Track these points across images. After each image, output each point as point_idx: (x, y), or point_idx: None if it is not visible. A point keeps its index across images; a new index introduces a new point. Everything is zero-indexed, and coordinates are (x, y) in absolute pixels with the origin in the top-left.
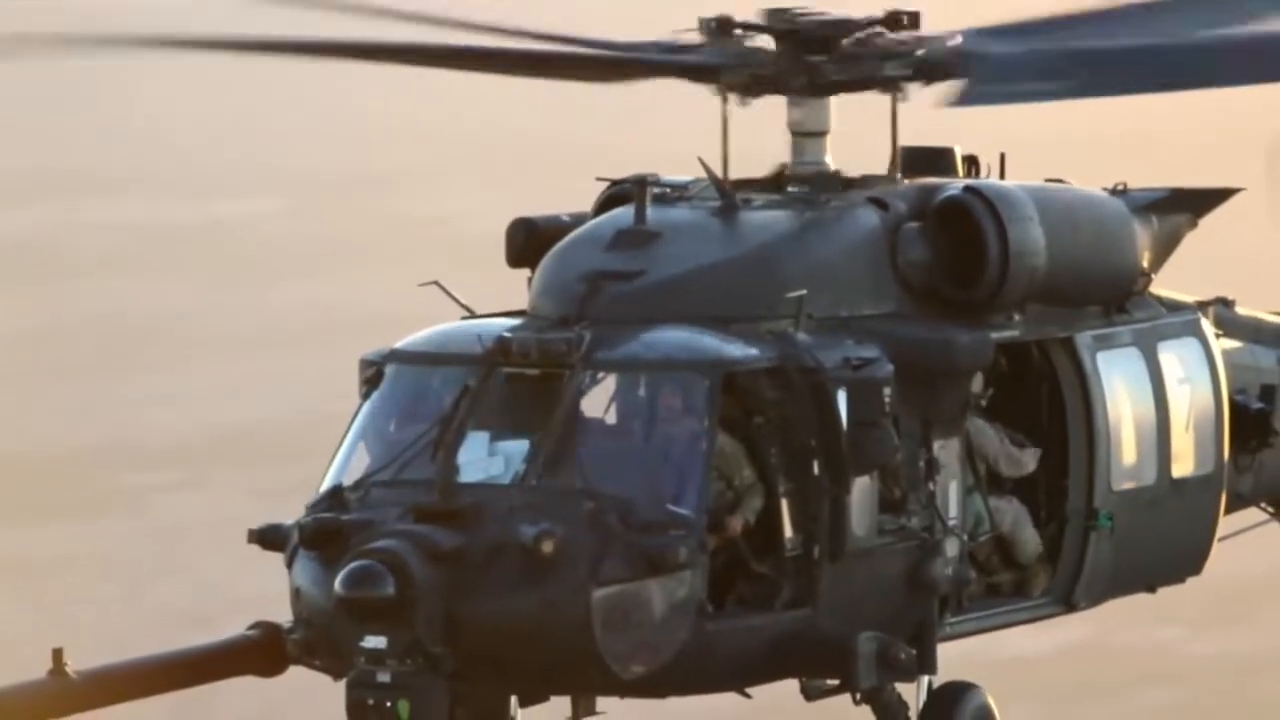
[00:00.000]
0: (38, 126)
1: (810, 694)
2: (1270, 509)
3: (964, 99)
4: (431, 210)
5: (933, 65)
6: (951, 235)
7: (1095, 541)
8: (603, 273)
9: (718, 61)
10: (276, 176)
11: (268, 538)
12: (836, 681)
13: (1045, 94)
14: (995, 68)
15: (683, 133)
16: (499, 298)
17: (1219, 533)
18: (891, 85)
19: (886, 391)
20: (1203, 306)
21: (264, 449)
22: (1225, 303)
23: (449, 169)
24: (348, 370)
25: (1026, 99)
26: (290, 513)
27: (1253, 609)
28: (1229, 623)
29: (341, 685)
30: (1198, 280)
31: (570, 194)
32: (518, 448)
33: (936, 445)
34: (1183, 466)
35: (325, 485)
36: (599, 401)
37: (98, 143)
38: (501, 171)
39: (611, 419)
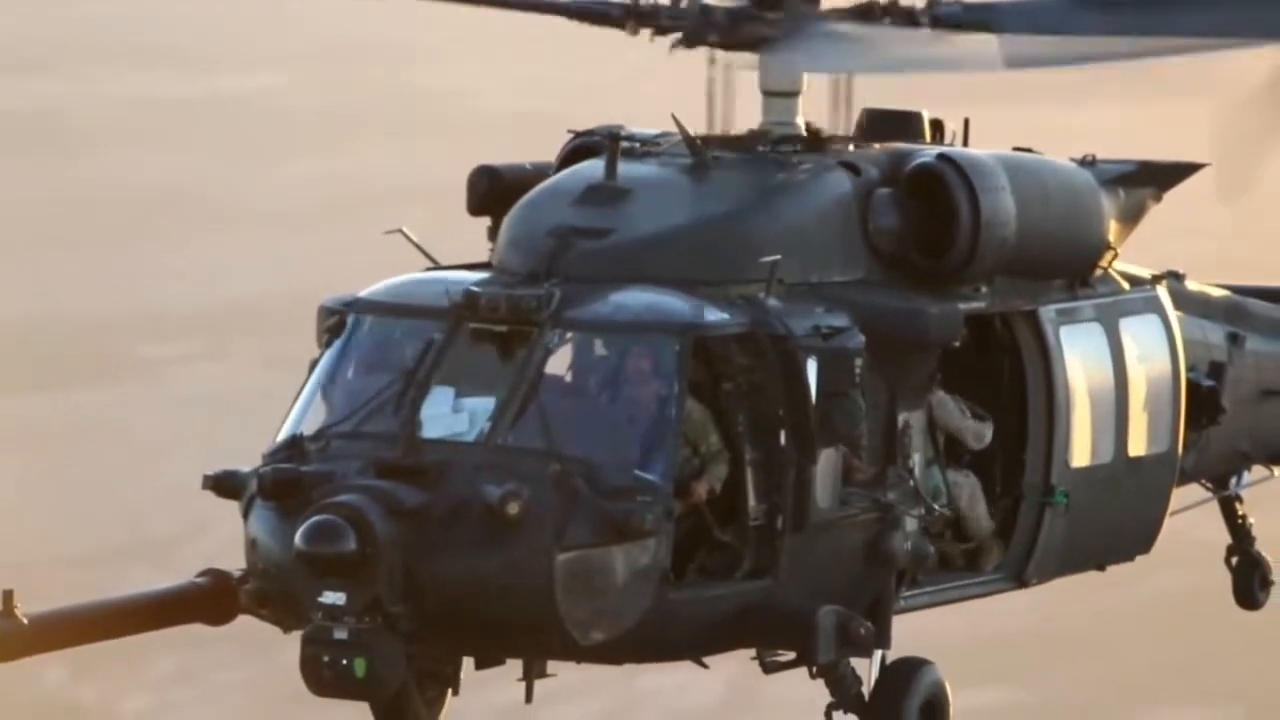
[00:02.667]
0: None
1: (768, 668)
2: (1210, 486)
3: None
4: (444, 84)
5: (952, 19)
6: (923, 203)
7: (1050, 518)
8: (572, 228)
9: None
10: (288, 49)
11: (224, 485)
12: (793, 656)
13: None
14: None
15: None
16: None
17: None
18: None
19: (857, 362)
20: (1155, 280)
21: (280, 321)
22: (1176, 276)
23: (461, 42)
24: (362, 244)
25: (1072, 61)
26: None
27: None
28: None
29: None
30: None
31: (584, 64)
32: (483, 405)
33: (901, 417)
34: (1139, 444)
35: (283, 434)
36: (567, 361)
37: (111, 14)
38: (515, 46)
39: (579, 379)
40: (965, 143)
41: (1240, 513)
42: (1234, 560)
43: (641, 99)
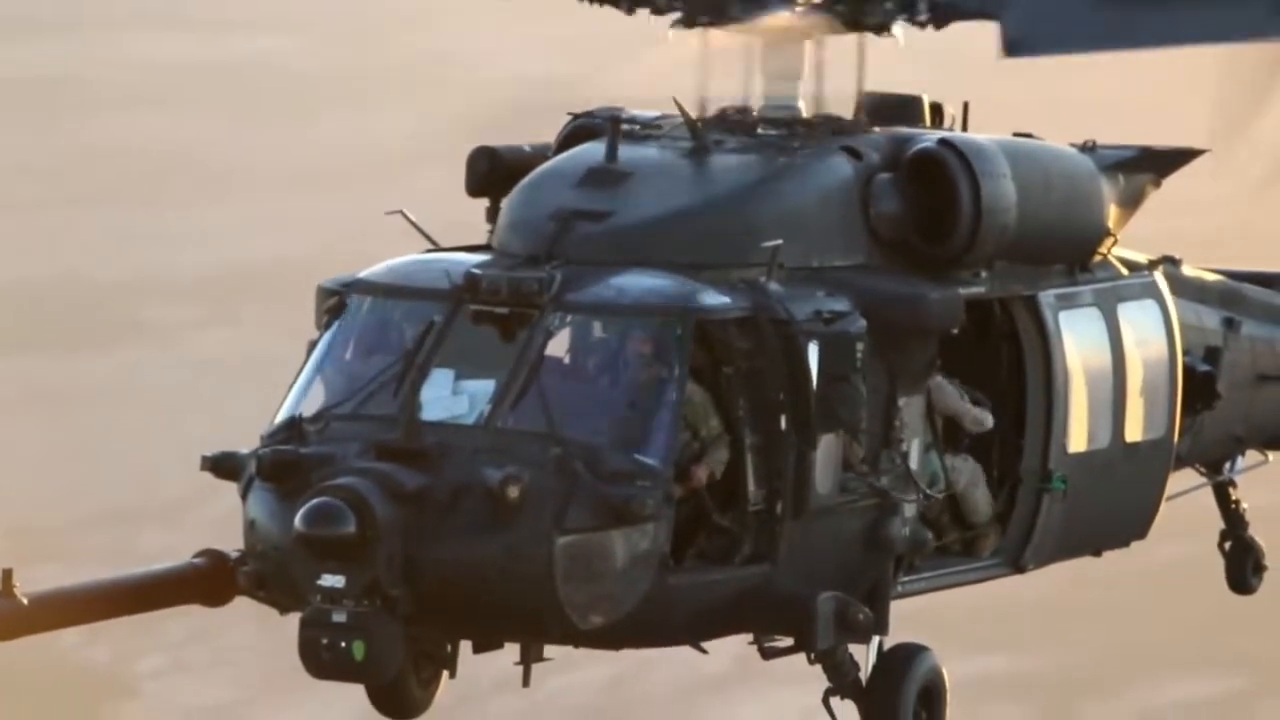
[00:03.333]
0: None
1: (766, 654)
2: (1204, 471)
3: (1012, 47)
4: (454, 48)
5: (952, 6)
6: (924, 188)
7: (1047, 504)
8: (573, 211)
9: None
10: (298, 13)
11: (222, 466)
12: (792, 642)
13: (1093, 43)
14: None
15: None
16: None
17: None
18: (883, 28)
19: (859, 347)
20: (1152, 265)
21: (291, 285)
22: (1173, 261)
23: (479, 4)
24: (377, 209)
25: (1078, 47)
26: None
27: None
28: None
29: (287, 619)
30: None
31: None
32: (483, 387)
33: (901, 402)
34: (1136, 430)
35: (282, 415)
36: (567, 343)
37: None
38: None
39: (580, 362)
40: (965, 127)
41: (1234, 498)
42: (1227, 545)
43: (639, 80)
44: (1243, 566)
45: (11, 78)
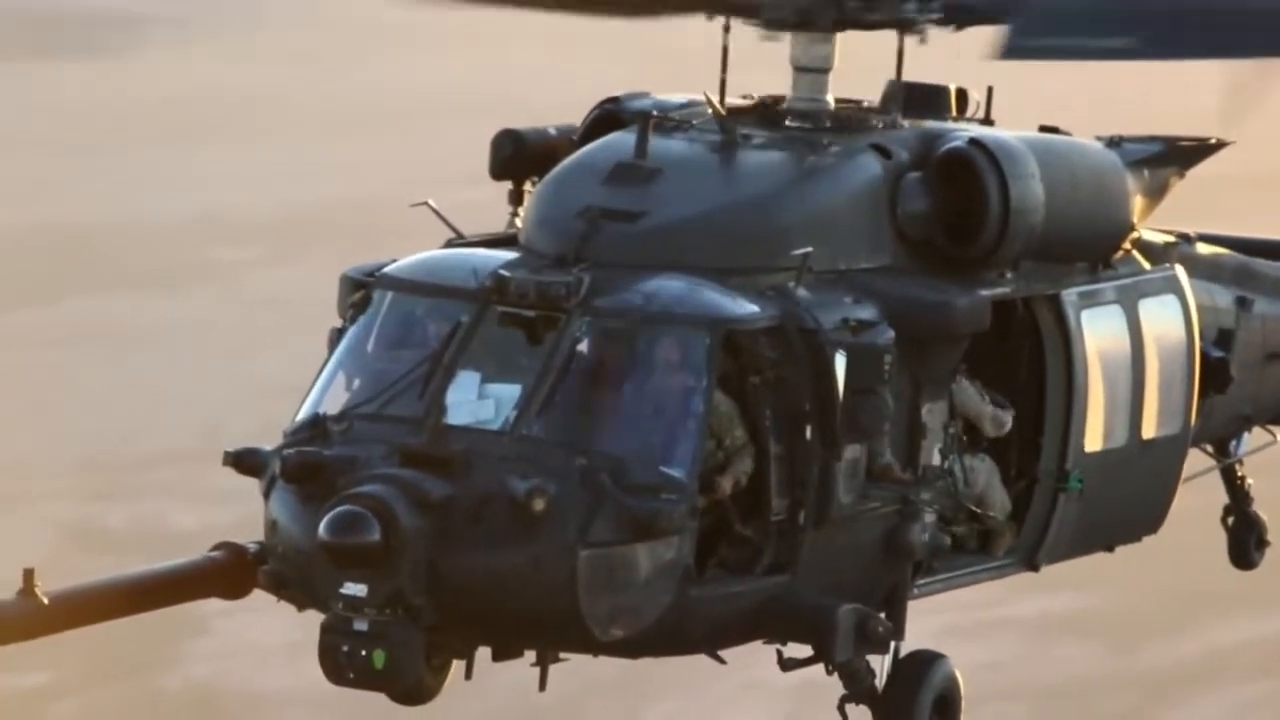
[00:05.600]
0: None
1: (785, 666)
2: (1211, 451)
3: (1006, 50)
4: None
5: (967, 7)
6: (952, 188)
7: (1063, 503)
8: (602, 210)
9: None
10: None
11: (244, 462)
12: (811, 653)
13: (1096, 51)
14: (1042, 16)
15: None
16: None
17: None
18: (913, 26)
19: (886, 359)
20: (1169, 248)
21: (354, 227)
22: (1187, 239)
23: None
24: (440, 151)
25: (1074, 55)
26: None
27: None
28: None
29: (305, 615)
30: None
31: None
32: (509, 391)
33: (924, 408)
34: (1153, 427)
35: (305, 412)
36: (595, 350)
37: None
38: None
39: (607, 370)
40: (989, 113)
41: (1240, 474)
42: (1230, 520)
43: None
44: (1245, 541)
45: (78, 19)
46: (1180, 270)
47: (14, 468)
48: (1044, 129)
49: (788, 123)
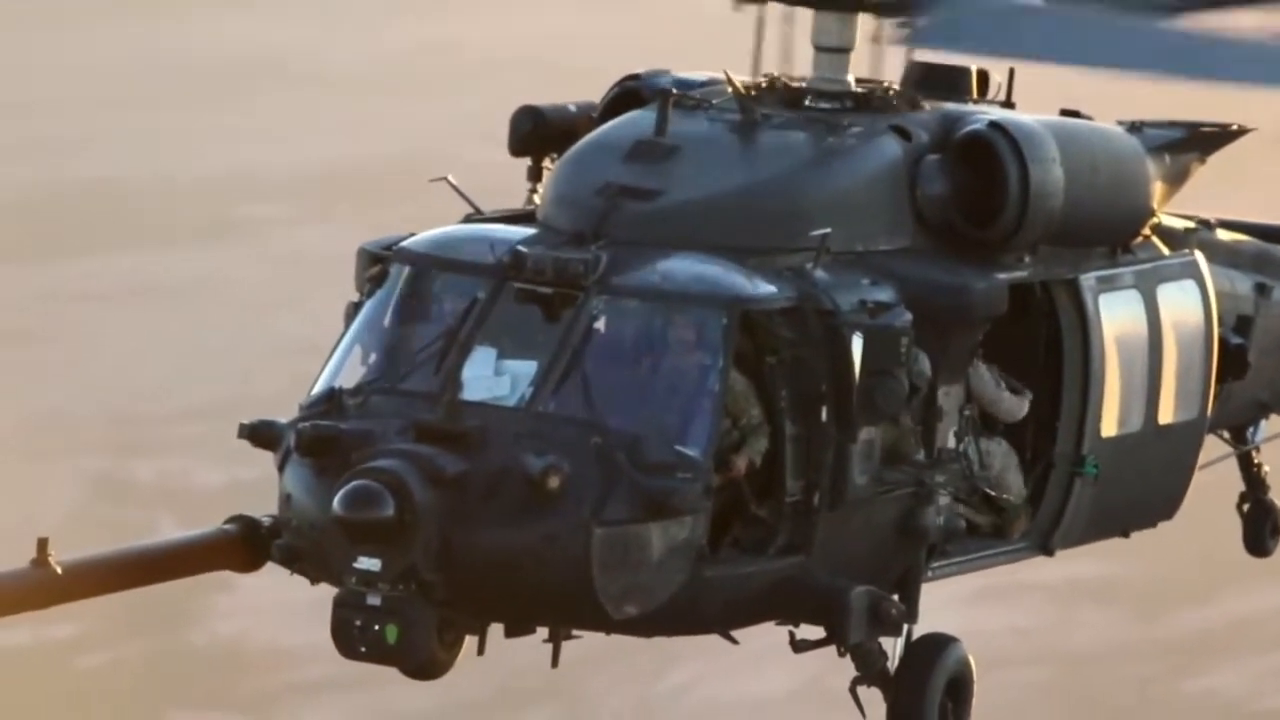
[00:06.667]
0: None
1: (797, 648)
2: (1227, 438)
3: (913, 38)
4: None
5: None
6: (972, 171)
7: (1079, 488)
8: (621, 188)
9: None
10: None
11: (259, 434)
12: (823, 634)
13: (1002, 50)
14: (948, 11)
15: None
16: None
17: None
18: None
19: (903, 342)
20: (1188, 234)
21: (382, 184)
22: (1207, 225)
23: None
24: (468, 111)
25: (977, 50)
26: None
27: None
28: None
29: (318, 588)
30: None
31: None
32: (524, 368)
33: (940, 392)
34: (1169, 413)
35: (320, 386)
36: (611, 328)
37: None
38: None
39: (623, 348)
40: (1010, 95)
41: (1256, 461)
42: (1245, 507)
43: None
44: (1261, 528)
45: None
46: (1199, 256)
47: (43, 420)
48: (1065, 112)
49: (808, 102)
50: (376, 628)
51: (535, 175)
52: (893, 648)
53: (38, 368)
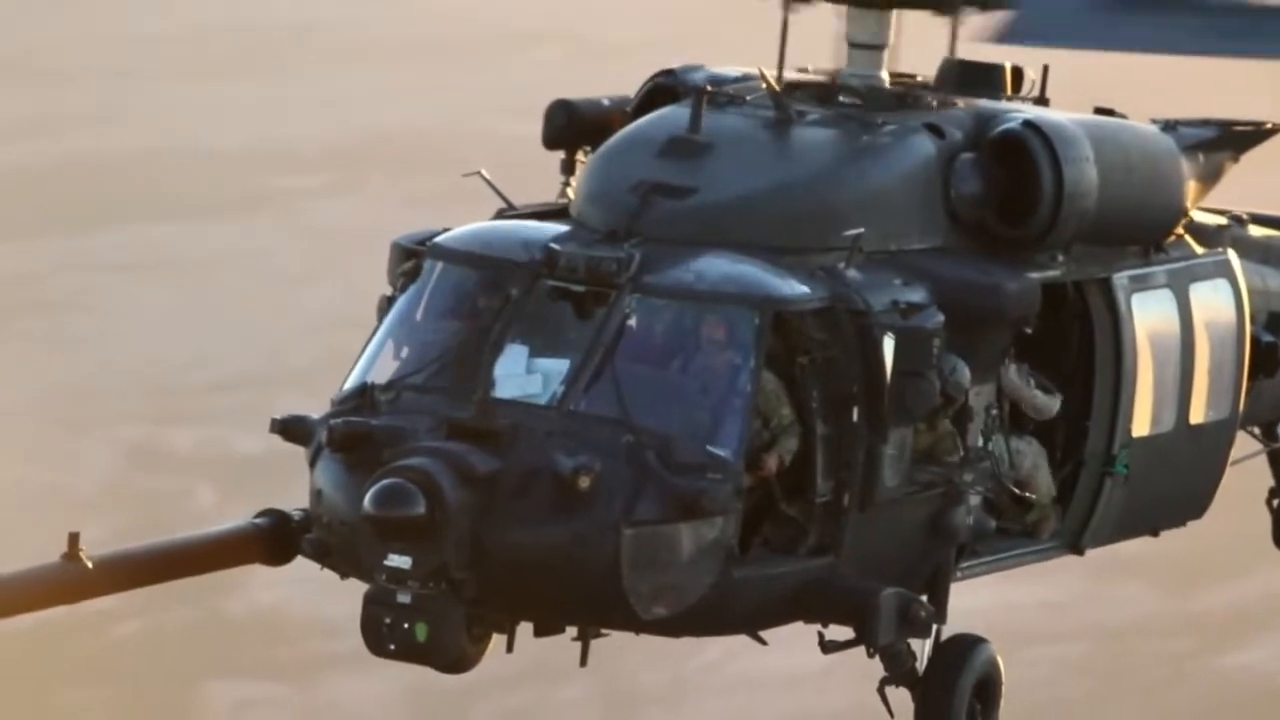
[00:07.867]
0: None
1: (826, 649)
2: (1258, 433)
3: (1006, 35)
4: None
5: None
6: (1006, 170)
7: (1109, 487)
8: (654, 184)
9: None
10: None
11: (291, 430)
12: (852, 635)
13: (1094, 42)
14: (1045, 4)
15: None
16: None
17: None
18: (948, 6)
19: (935, 343)
20: (1220, 230)
21: (415, 156)
22: (1239, 221)
23: None
24: (502, 84)
25: (1073, 44)
26: (440, 220)
27: None
28: None
29: (347, 583)
30: None
31: None
32: (556, 366)
33: (972, 392)
34: (1201, 412)
35: (353, 380)
36: (644, 327)
37: None
38: None
39: (655, 348)
40: (1043, 93)
41: None
42: (1275, 503)
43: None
44: None
45: None
46: (1232, 254)
47: (82, 390)
48: (1099, 110)
49: (842, 99)
50: (406, 625)
51: (568, 169)
52: (921, 648)
53: (74, 339)
